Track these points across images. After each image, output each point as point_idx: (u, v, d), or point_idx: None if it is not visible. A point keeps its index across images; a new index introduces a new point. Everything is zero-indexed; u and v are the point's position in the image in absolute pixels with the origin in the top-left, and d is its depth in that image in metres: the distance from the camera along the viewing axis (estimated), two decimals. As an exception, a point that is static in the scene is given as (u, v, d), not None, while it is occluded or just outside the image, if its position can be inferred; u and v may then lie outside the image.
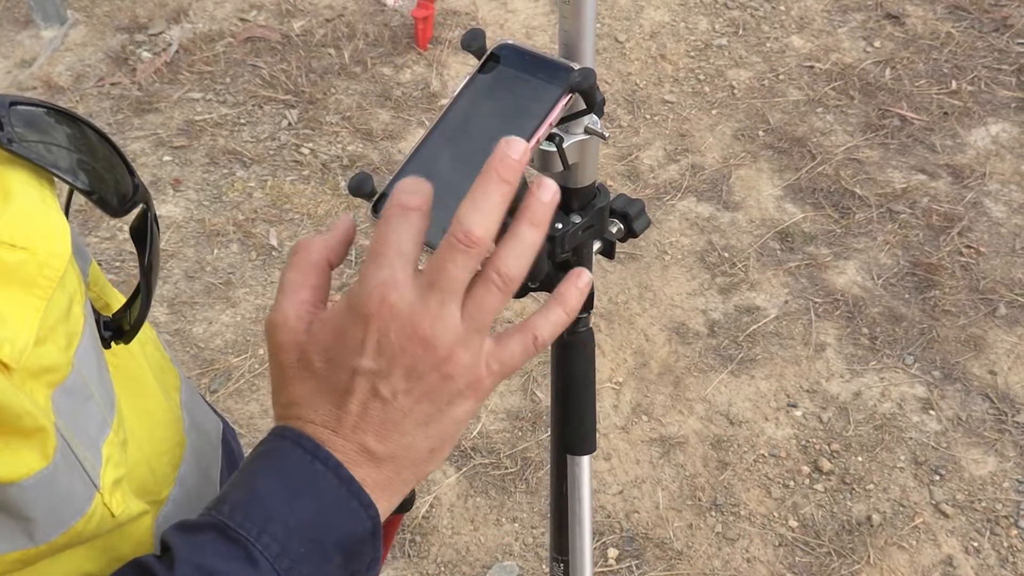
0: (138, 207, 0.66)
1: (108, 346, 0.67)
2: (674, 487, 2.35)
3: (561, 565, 1.21)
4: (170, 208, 3.01)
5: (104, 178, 0.62)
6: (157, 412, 0.72)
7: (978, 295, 2.73)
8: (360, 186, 0.70)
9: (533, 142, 0.69)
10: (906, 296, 2.74)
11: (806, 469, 2.38)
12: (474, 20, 3.69)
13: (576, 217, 0.89)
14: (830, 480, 2.36)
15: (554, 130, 0.73)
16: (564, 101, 0.70)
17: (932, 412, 2.48)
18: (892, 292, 2.75)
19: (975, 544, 2.24)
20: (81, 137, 0.62)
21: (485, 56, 0.74)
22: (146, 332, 0.74)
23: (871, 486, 2.34)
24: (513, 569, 2.21)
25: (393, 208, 0.59)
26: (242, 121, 3.30)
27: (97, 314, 0.67)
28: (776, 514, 2.30)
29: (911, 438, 2.43)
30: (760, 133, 3.25)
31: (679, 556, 2.23)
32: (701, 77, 3.47)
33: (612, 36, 3.63)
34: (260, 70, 3.47)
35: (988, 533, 2.26)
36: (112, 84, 3.42)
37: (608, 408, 2.49)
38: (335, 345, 0.58)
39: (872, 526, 2.27)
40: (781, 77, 3.46)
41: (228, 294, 2.77)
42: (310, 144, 3.21)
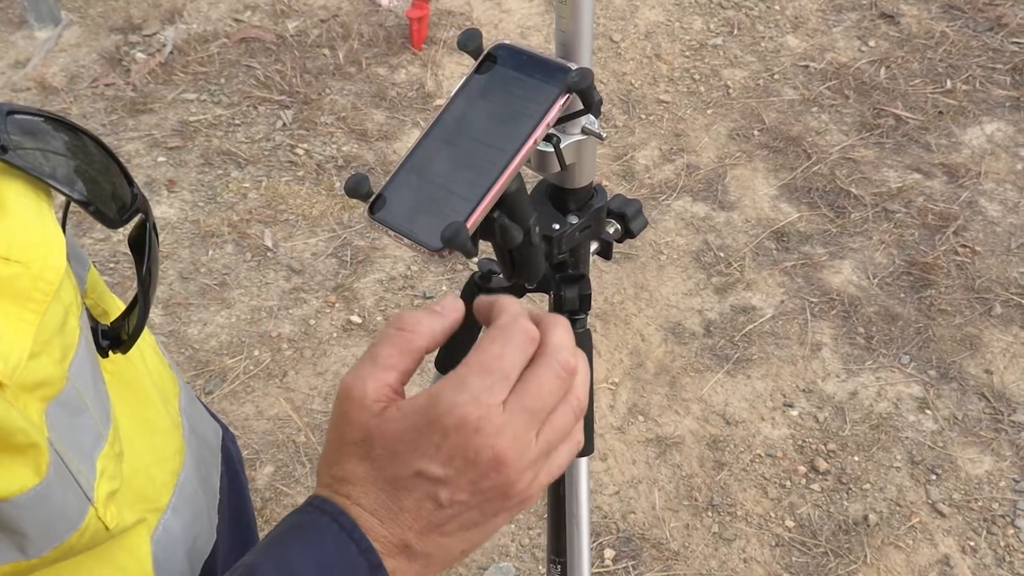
0: (136, 217, 0.66)
1: (106, 355, 0.66)
2: (670, 487, 2.35)
3: (558, 566, 1.21)
4: (165, 209, 3.00)
5: (102, 187, 0.62)
6: (156, 420, 0.72)
7: (974, 294, 2.73)
8: (357, 187, 0.70)
9: (531, 143, 0.69)
10: (902, 295, 2.74)
11: (802, 469, 2.37)
12: (469, 20, 3.68)
13: (573, 218, 0.89)
14: (827, 480, 2.36)
15: (551, 130, 0.73)
16: (561, 101, 0.70)
17: (928, 411, 2.48)
18: (888, 291, 2.75)
19: (972, 544, 2.24)
20: (79, 146, 0.61)
21: (482, 56, 0.74)
22: (145, 338, 0.74)
23: (867, 486, 2.34)
24: (509, 570, 2.21)
25: (519, 335, 0.59)
26: (237, 122, 3.29)
27: (95, 322, 0.66)
28: (773, 514, 2.30)
29: (907, 438, 2.43)
30: (755, 133, 3.25)
31: (676, 556, 2.23)
32: (696, 77, 3.47)
33: (607, 36, 3.63)
34: (255, 71, 3.46)
35: (985, 532, 2.26)
36: (106, 85, 3.41)
37: (604, 408, 2.49)
38: (405, 441, 0.57)
39: (869, 526, 2.27)
40: (776, 77, 3.46)
41: (223, 295, 2.76)
42: (305, 145, 3.20)
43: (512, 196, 0.70)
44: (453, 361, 1.16)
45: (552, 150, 0.78)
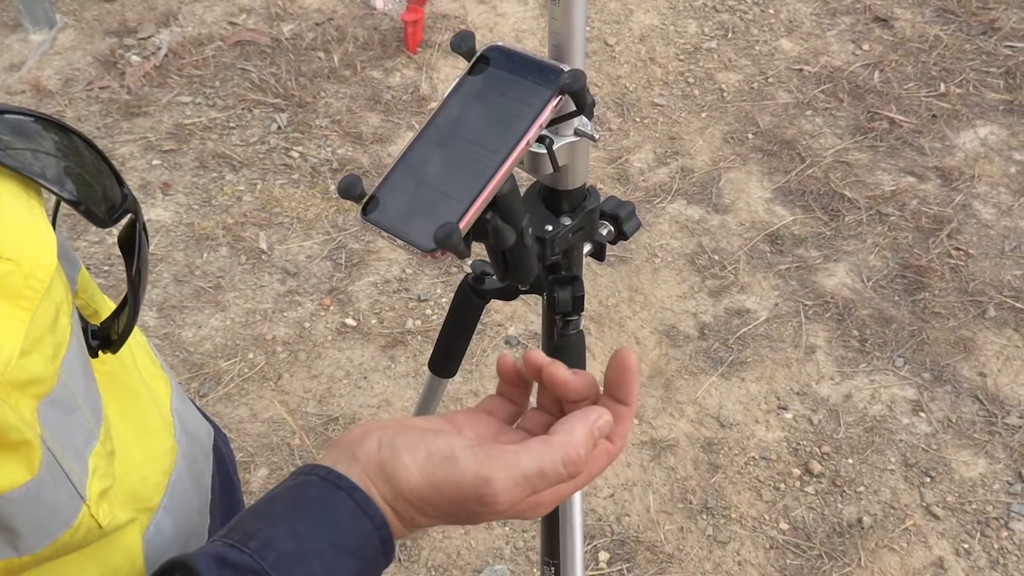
0: (126, 217, 0.66)
1: (96, 355, 0.66)
2: (665, 490, 2.35)
3: (552, 569, 1.21)
4: (159, 212, 3.00)
5: (92, 187, 0.62)
6: (147, 419, 0.72)
7: (967, 297, 2.74)
8: (349, 188, 0.70)
9: (524, 144, 0.69)
10: (896, 298, 2.74)
11: (797, 471, 2.38)
12: (463, 24, 3.69)
13: (566, 219, 0.89)
14: (821, 482, 2.36)
15: (544, 132, 0.73)
16: (554, 103, 0.70)
17: (922, 414, 2.48)
18: (882, 294, 2.75)
19: (966, 546, 2.24)
20: (69, 146, 0.61)
21: (475, 58, 0.74)
22: (136, 339, 0.74)
23: (862, 488, 2.34)
24: (504, 573, 2.21)
25: (581, 471, 0.65)
26: (231, 125, 3.29)
27: (85, 322, 0.66)
28: (767, 516, 2.30)
29: (901, 440, 2.43)
30: (750, 136, 3.25)
31: (670, 559, 2.23)
32: (691, 80, 3.47)
33: (602, 39, 3.64)
34: (249, 74, 3.46)
35: (979, 535, 2.26)
36: (101, 88, 3.41)
37: (599, 411, 2.48)
38: (494, 512, 0.64)
39: (863, 528, 2.27)
40: (770, 80, 3.46)
41: (217, 298, 2.76)
42: (300, 148, 3.20)
43: (505, 197, 0.70)
44: (448, 365, 1.16)
45: (545, 152, 0.78)
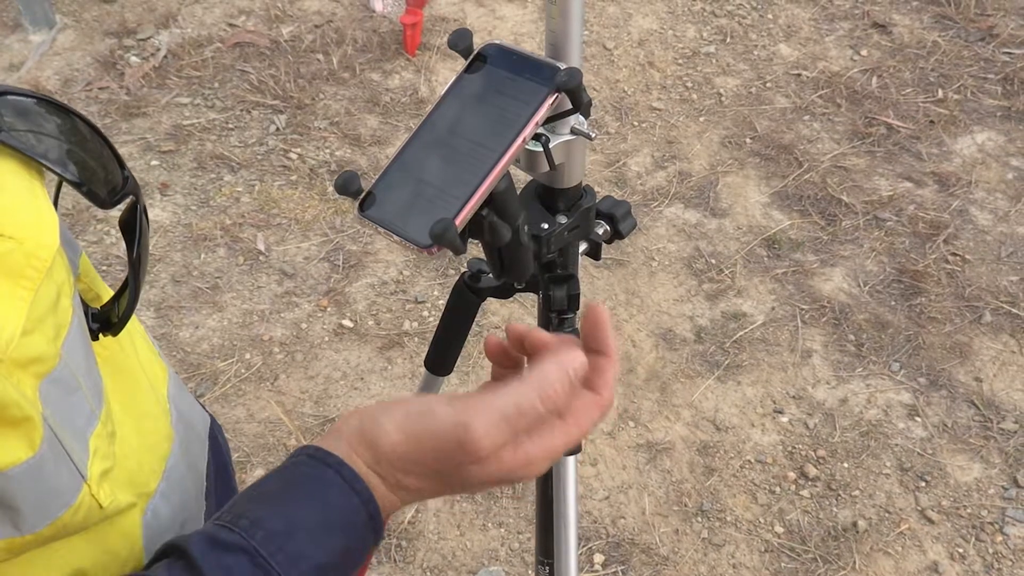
0: (127, 199, 0.66)
1: (96, 338, 0.67)
2: (660, 493, 2.35)
3: (546, 568, 1.21)
4: (158, 212, 3.00)
5: (94, 169, 0.62)
6: (144, 405, 0.72)
7: (964, 302, 2.74)
8: (347, 185, 0.70)
9: (520, 141, 0.70)
10: (892, 303, 2.75)
11: (792, 475, 2.38)
12: (460, 25, 3.69)
13: (562, 218, 0.89)
14: (816, 486, 2.36)
15: (540, 130, 0.73)
16: (550, 101, 0.70)
17: (918, 419, 2.49)
18: (878, 299, 2.76)
19: (960, 551, 2.24)
20: (71, 128, 0.62)
21: (472, 56, 0.75)
22: (134, 325, 0.74)
23: (857, 492, 2.35)
24: (499, 574, 2.21)
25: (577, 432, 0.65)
26: (230, 126, 3.29)
27: (86, 306, 0.67)
28: (762, 520, 2.30)
29: (897, 444, 2.44)
30: (747, 140, 3.26)
31: (665, 562, 2.23)
32: (689, 84, 3.48)
33: (600, 43, 3.64)
34: (248, 75, 3.46)
35: (973, 540, 2.27)
36: (100, 88, 3.42)
37: (595, 414, 2.49)
38: (480, 475, 0.64)
39: (858, 532, 2.27)
40: (768, 85, 3.47)
41: (215, 299, 2.76)
42: (298, 149, 3.21)
43: (501, 195, 0.71)
44: (444, 363, 1.16)
45: (541, 150, 0.79)
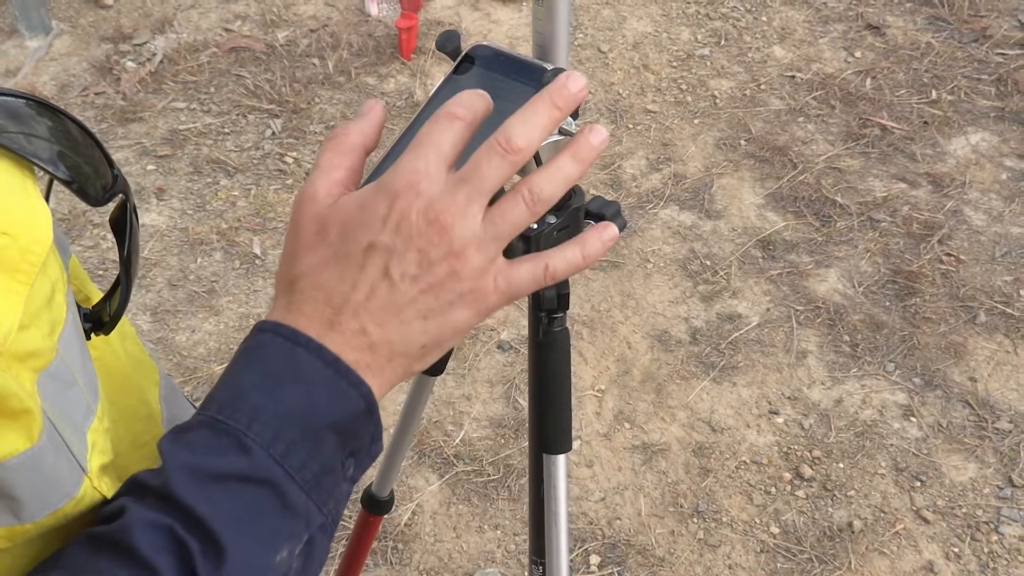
0: (117, 197, 0.67)
1: (88, 338, 0.67)
2: (656, 494, 2.36)
3: (540, 568, 1.22)
4: (154, 217, 3.00)
5: (84, 168, 0.62)
6: (136, 405, 0.73)
7: (958, 302, 2.75)
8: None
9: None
10: (887, 304, 2.76)
11: (788, 476, 2.39)
12: (458, 31, 3.70)
13: (551, 217, 0.90)
14: (811, 487, 2.37)
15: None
16: (537, 100, 0.71)
17: (913, 419, 2.49)
18: (873, 300, 2.77)
19: (956, 550, 2.25)
20: (61, 129, 0.62)
21: (460, 57, 0.75)
22: (125, 326, 0.75)
23: (852, 492, 2.35)
24: (495, 575, 2.22)
25: (442, 113, 0.61)
26: (226, 130, 3.30)
27: (77, 306, 0.67)
28: (758, 520, 2.31)
29: (892, 445, 2.44)
30: (742, 142, 3.27)
31: (661, 562, 2.24)
32: (683, 87, 3.49)
33: (595, 46, 3.65)
34: (244, 80, 3.47)
35: (969, 539, 2.27)
36: (96, 94, 3.42)
37: (590, 415, 2.50)
38: (356, 218, 0.59)
39: (853, 532, 2.28)
40: (763, 87, 3.48)
41: (211, 302, 2.76)
42: (294, 153, 3.21)
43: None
44: (436, 363, 1.17)
45: (529, 150, 0.79)
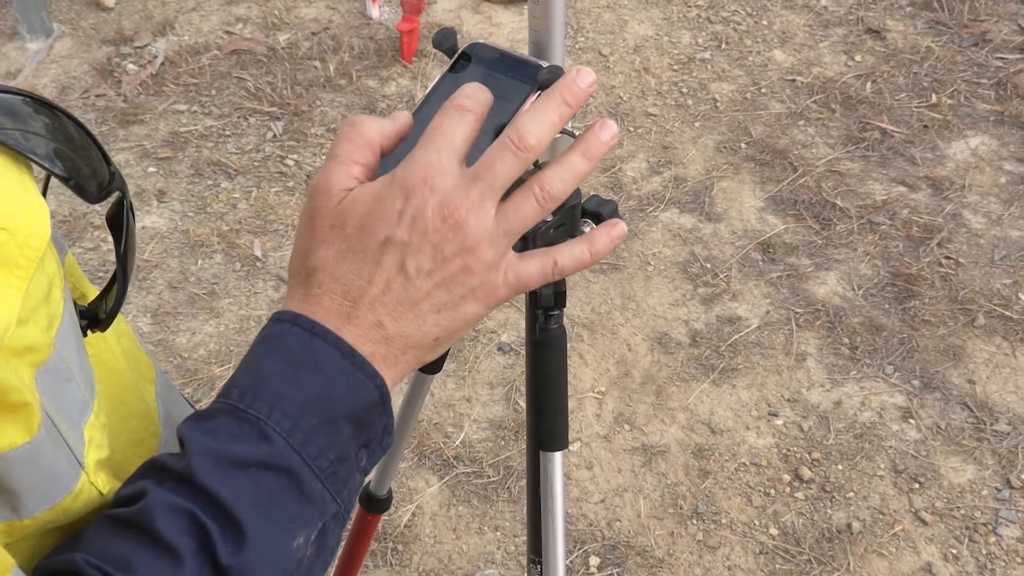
0: (114, 194, 0.67)
1: (84, 335, 0.67)
2: (656, 495, 2.36)
3: (538, 567, 1.22)
4: (154, 219, 3.01)
5: (81, 166, 0.63)
6: (132, 403, 0.73)
7: (957, 305, 2.75)
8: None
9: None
10: (886, 306, 2.76)
11: (787, 477, 2.39)
12: (459, 33, 3.71)
13: (547, 216, 0.90)
14: (811, 488, 2.37)
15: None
16: (533, 98, 0.71)
17: (912, 421, 2.50)
18: (872, 302, 2.77)
19: (954, 551, 2.25)
20: (58, 126, 0.63)
21: (456, 55, 0.76)
22: (121, 324, 0.75)
23: (851, 494, 2.36)
24: (495, 577, 2.22)
25: (452, 106, 0.62)
26: (227, 133, 3.31)
27: (73, 303, 0.68)
28: (757, 522, 2.31)
29: (891, 447, 2.44)
30: (742, 145, 3.27)
31: (660, 564, 2.24)
32: (684, 90, 3.49)
33: (596, 50, 3.66)
34: (245, 82, 3.48)
35: (967, 540, 2.27)
36: (97, 96, 3.43)
37: (590, 417, 2.50)
38: (372, 213, 0.60)
39: (852, 534, 2.28)
40: (763, 90, 3.49)
41: (212, 304, 2.77)
42: (295, 156, 3.22)
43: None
44: (433, 361, 1.17)
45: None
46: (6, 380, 0.52)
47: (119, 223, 0.68)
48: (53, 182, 0.64)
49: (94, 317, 0.68)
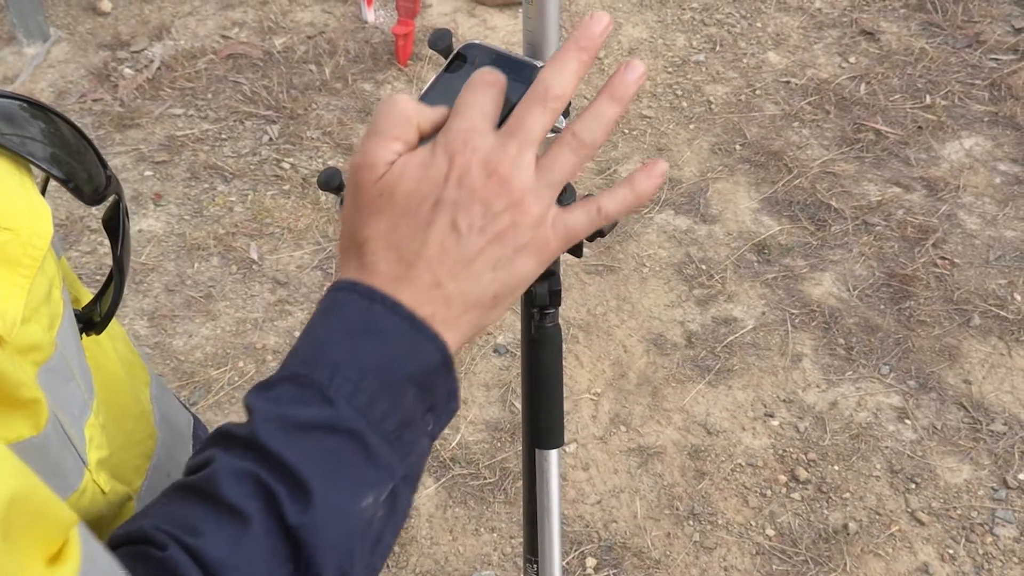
0: (111, 198, 0.68)
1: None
2: (652, 496, 2.36)
3: (534, 566, 1.22)
4: (151, 222, 3.01)
5: (78, 169, 0.63)
6: (128, 405, 0.73)
7: (952, 306, 2.76)
8: (329, 180, 0.72)
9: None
10: (881, 307, 2.77)
11: (783, 478, 2.39)
12: (454, 37, 3.71)
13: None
14: (807, 489, 2.37)
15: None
16: (528, 97, 0.71)
17: (907, 421, 2.50)
18: (868, 303, 2.78)
19: (951, 551, 2.26)
20: (55, 130, 0.63)
21: (452, 55, 0.76)
22: (115, 328, 0.75)
23: (847, 495, 2.36)
24: (492, 578, 2.22)
25: (476, 81, 0.64)
26: (223, 136, 3.31)
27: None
28: (753, 523, 2.32)
29: (887, 447, 2.45)
30: (737, 147, 3.28)
31: (657, 565, 2.24)
32: (679, 92, 3.50)
33: (591, 52, 3.66)
34: (241, 86, 3.48)
35: (963, 540, 2.28)
36: (94, 100, 3.43)
37: (586, 418, 2.51)
38: (420, 178, 0.61)
39: (848, 534, 2.29)
40: (758, 92, 3.49)
41: (208, 307, 2.77)
42: (291, 159, 3.22)
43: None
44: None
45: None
46: (15, 376, 0.52)
47: (116, 226, 0.68)
48: (51, 185, 0.65)
49: (89, 320, 0.68)
